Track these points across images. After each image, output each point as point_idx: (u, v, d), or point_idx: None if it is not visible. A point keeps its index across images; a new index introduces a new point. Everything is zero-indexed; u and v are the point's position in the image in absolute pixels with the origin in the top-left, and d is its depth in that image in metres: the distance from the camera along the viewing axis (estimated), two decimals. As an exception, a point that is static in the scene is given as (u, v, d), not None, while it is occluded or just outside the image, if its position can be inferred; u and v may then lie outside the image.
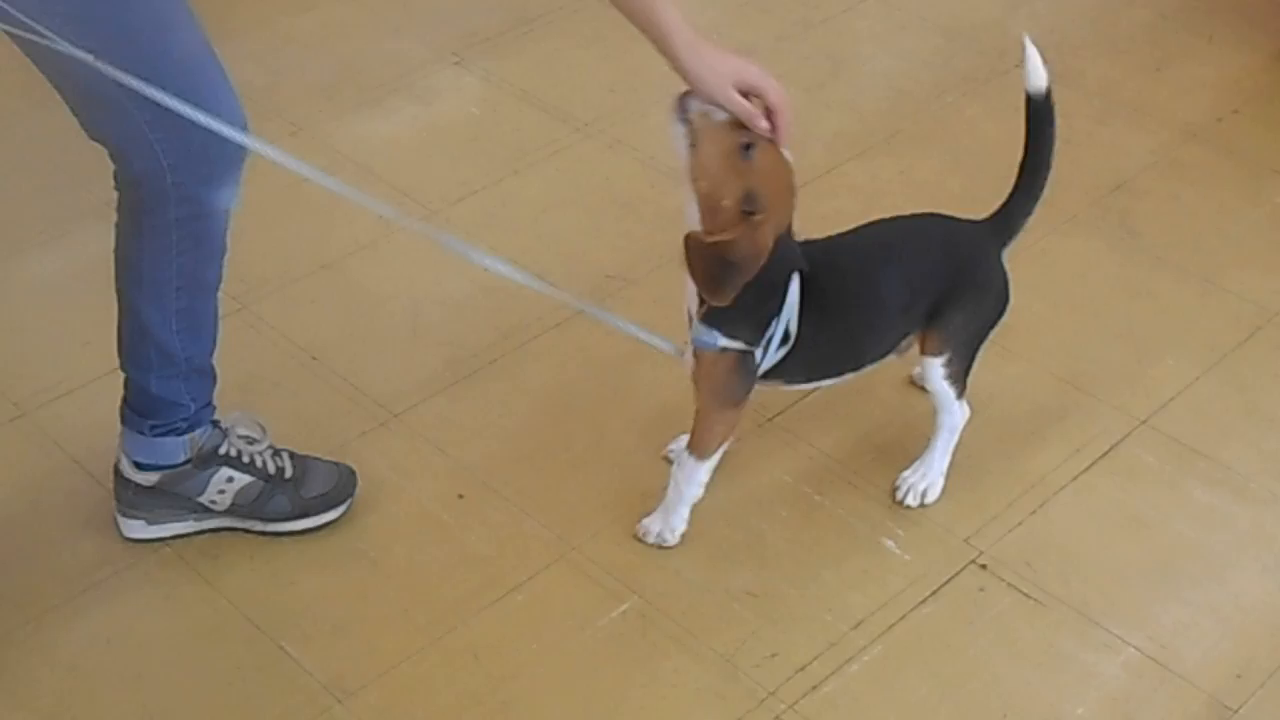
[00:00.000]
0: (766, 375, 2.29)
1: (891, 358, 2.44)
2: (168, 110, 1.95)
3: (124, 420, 2.35)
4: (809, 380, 2.42)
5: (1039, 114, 2.35)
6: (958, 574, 2.37)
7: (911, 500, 2.48)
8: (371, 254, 2.99)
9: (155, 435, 2.33)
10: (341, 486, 2.44)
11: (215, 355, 2.34)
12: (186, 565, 2.38)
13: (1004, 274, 2.40)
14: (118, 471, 2.38)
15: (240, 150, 2.10)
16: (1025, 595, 2.34)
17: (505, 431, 2.62)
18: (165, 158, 2.06)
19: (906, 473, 2.50)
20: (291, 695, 2.20)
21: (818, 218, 2.97)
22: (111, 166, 2.14)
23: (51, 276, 2.95)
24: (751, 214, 2.10)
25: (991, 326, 2.42)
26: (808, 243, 2.28)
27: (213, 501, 2.38)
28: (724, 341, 2.22)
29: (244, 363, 2.67)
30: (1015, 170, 2.39)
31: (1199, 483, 2.53)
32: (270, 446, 2.41)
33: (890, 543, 2.42)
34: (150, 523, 2.39)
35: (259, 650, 2.26)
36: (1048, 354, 2.77)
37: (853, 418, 2.63)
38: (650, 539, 2.40)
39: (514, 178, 3.23)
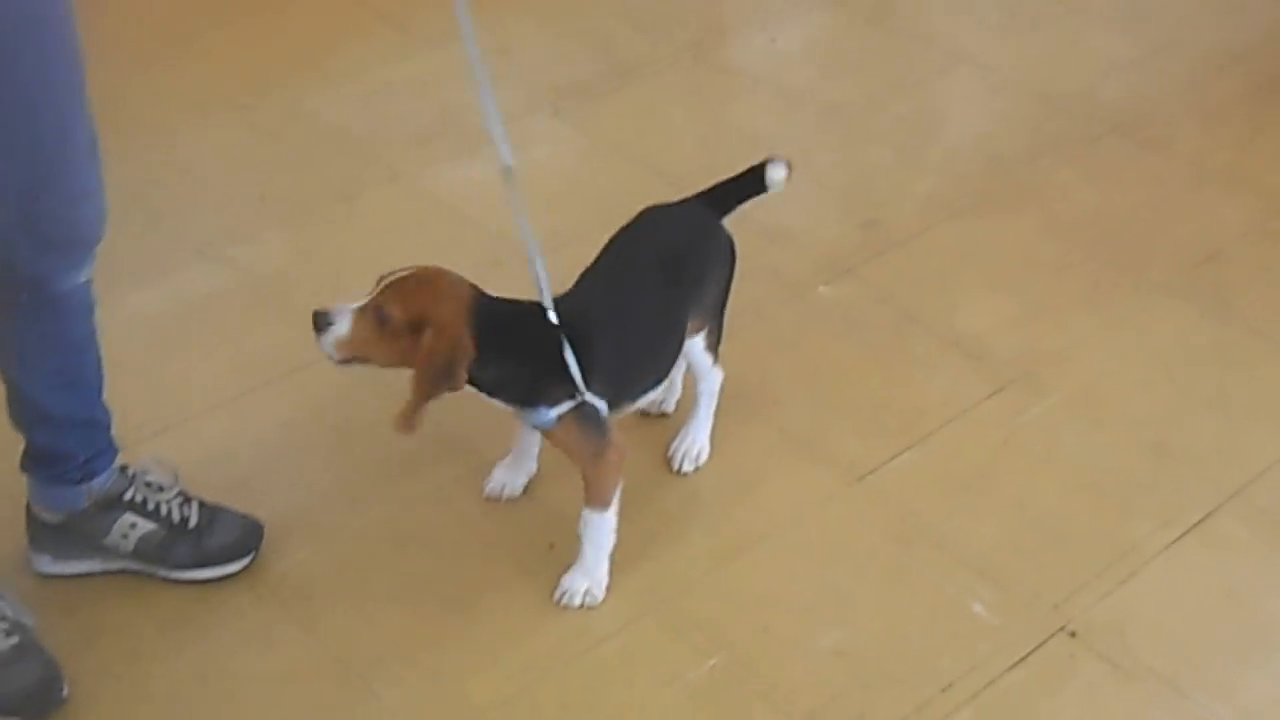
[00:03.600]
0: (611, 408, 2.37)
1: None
2: (26, 209, 2.01)
3: (22, 467, 2.39)
4: (639, 397, 2.47)
5: (756, 178, 2.52)
6: (1046, 641, 2.36)
7: (688, 467, 2.61)
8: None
9: (49, 485, 2.37)
10: (245, 538, 2.45)
11: (104, 396, 2.35)
12: (280, 604, 2.41)
13: (728, 236, 2.55)
14: (28, 508, 2.42)
15: (95, 240, 2.14)
16: (1115, 665, 2.33)
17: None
18: (20, 252, 2.08)
19: (675, 442, 2.62)
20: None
21: (909, 280, 3.00)
22: None
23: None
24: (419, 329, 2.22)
25: (730, 287, 2.57)
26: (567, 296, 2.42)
27: (116, 545, 2.40)
28: (555, 411, 2.31)
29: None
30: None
31: (1291, 557, 2.52)
32: (180, 494, 2.43)
33: (979, 606, 2.42)
34: (56, 558, 2.43)
35: (350, 691, 2.29)
36: (1138, 423, 2.76)
37: (943, 479, 2.64)
38: (577, 600, 2.41)
39: (605, 230, 3.24)
